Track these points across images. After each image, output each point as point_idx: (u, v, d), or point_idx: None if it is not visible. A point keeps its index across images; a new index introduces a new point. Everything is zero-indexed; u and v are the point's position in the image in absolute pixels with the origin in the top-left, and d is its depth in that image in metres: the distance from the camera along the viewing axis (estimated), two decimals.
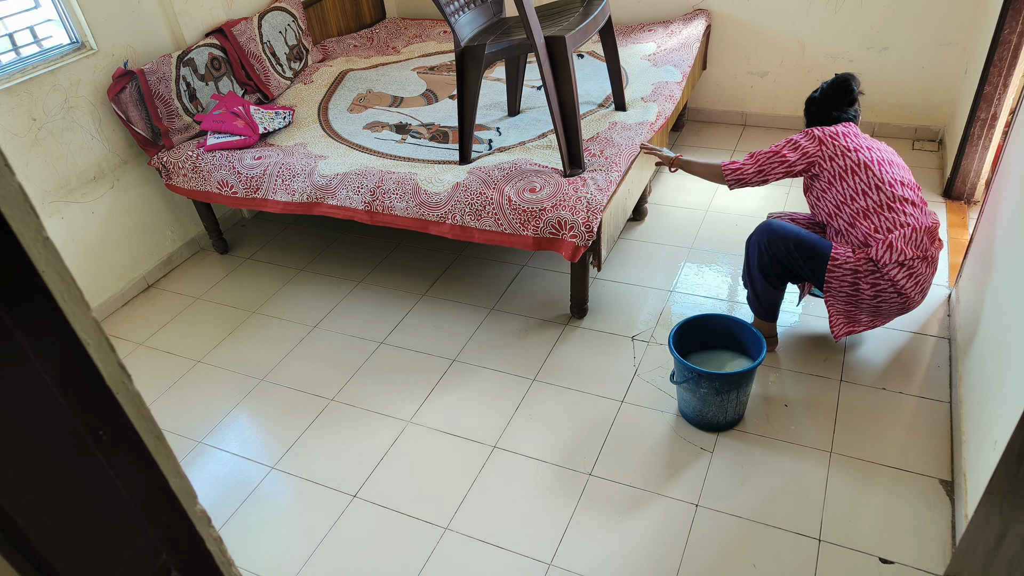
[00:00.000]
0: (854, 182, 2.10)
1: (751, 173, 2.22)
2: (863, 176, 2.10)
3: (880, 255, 2.05)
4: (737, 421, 2.17)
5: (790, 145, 2.18)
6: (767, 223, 2.20)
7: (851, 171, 2.11)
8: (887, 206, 2.08)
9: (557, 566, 1.84)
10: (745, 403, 2.16)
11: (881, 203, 2.08)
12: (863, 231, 2.09)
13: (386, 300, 2.89)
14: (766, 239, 2.17)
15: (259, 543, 1.99)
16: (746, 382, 2.07)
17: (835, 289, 2.14)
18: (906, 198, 2.09)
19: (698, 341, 2.25)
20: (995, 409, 1.71)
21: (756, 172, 2.21)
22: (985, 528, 1.18)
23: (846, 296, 2.14)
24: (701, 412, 2.13)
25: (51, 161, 2.68)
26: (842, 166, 2.11)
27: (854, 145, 2.13)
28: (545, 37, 2.34)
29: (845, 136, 2.15)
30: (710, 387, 2.04)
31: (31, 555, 0.49)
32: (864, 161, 2.11)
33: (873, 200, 2.09)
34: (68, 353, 0.49)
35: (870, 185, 2.09)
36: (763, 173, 2.20)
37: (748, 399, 2.18)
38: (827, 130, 2.16)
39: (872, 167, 2.10)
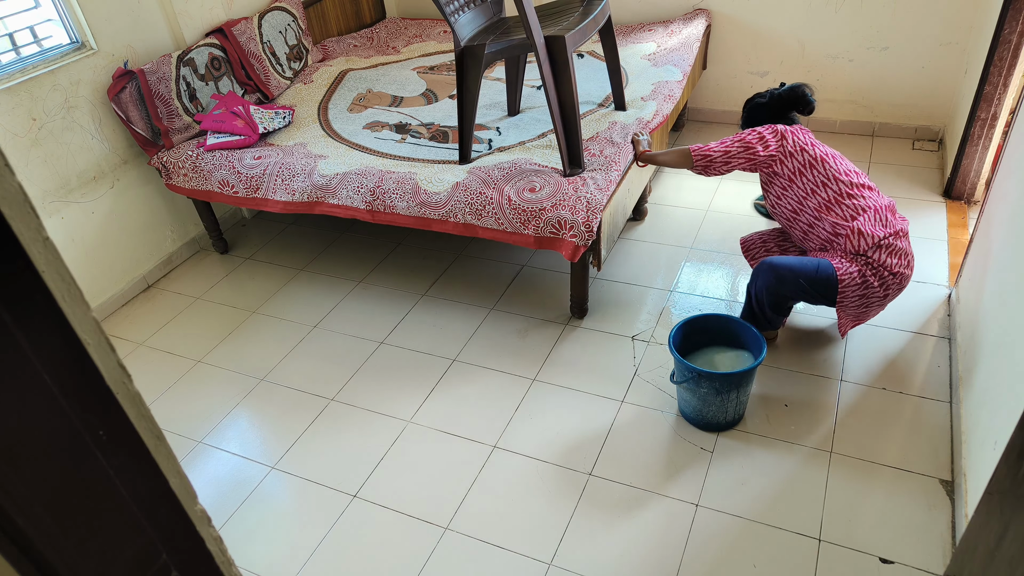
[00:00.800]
0: (812, 176, 2.17)
1: (718, 158, 2.25)
2: (820, 169, 2.17)
3: (856, 244, 2.10)
4: (737, 421, 2.17)
5: (756, 137, 2.22)
6: (768, 264, 2.19)
7: (808, 166, 2.17)
8: (846, 194, 2.14)
9: (557, 566, 1.84)
10: (745, 403, 2.16)
11: (840, 192, 2.15)
12: (829, 223, 2.15)
13: (386, 300, 2.89)
14: (775, 280, 2.15)
15: (259, 543, 1.99)
16: (746, 382, 2.07)
17: (848, 299, 2.14)
18: (861, 184, 2.17)
19: (698, 341, 2.25)
20: (995, 409, 1.71)
21: (722, 157, 2.24)
22: (985, 528, 1.18)
23: (859, 299, 2.15)
24: (701, 412, 2.13)
25: (51, 161, 2.68)
26: (800, 162, 2.18)
27: (808, 141, 2.21)
28: (545, 37, 2.34)
29: (801, 132, 2.23)
30: (710, 387, 2.04)
31: (31, 555, 0.49)
32: (819, 156, 2.18)
33: (832, 191, 2.15)
34: (68, 353, 0.49)
35: (828, 177, 2.16)
36: (729, 162, 2.24)
37: (748, 399, 2.18)
38: (786, 127, 2.23)
39: (828, 160, 2.18)
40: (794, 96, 2.30)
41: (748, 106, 2.40)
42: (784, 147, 2.20)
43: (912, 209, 3.07)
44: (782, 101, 2.31)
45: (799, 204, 2.21)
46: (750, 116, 2.39)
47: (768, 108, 2.33)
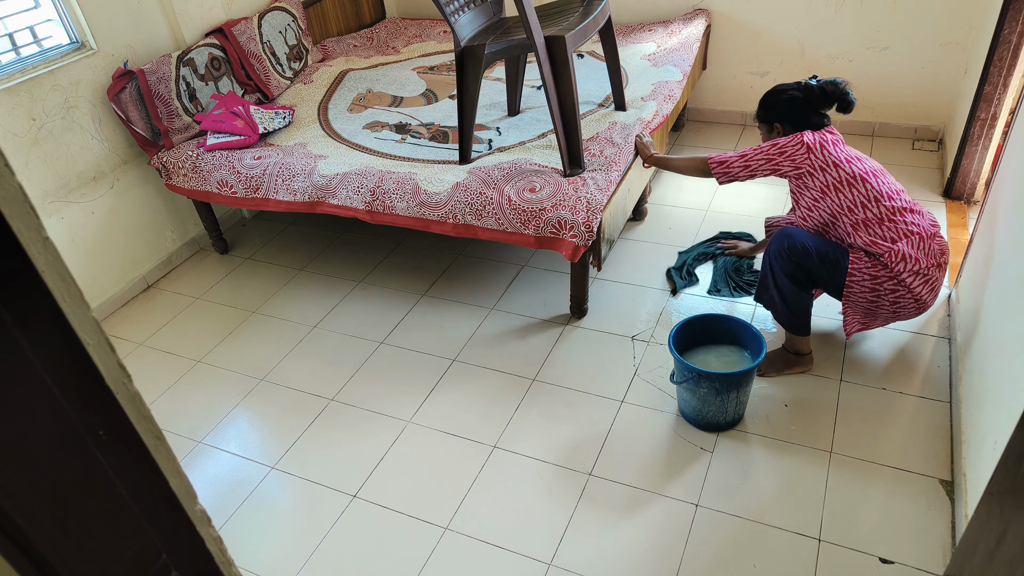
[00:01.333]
0: (851, 195, 2.06)
1: (738, 169, 2.19)
2: (861, 189, 2.06)
3: (894, 266, 2.02)
4: (737, 421, 2.17)
5: (778, 150, 2.13)
6: (783, 231, 2.14)
7: (846, 183, 2.06)
8: (887, 218, 2.05)
9: (557, 566, 1.84)
10: (745, 403, 2.16)
11: (881, 215, 2.05)
12: (864, 241, 2.07)
13: (386, 300, 2.89)
14: (786, 245, 2.10)
15: (259, 543, 1.99)
16: (746, 382, 2.07)
17: (855, 295, 2.11)
18: (904, 207, 2.07)
19: (698, 341, 2.25)
20: (995, 409, 1.71)
21: (743, 169, 2.19)
22: (985, 528, 1.18)
23: (866, 302, 2.11)
24: (701, 412, 2.13)
25: (51, 161, 2.68)
26: (836, 177, 2.07)
27: (844, 156, 2.09)
28: (545, 37, 2.34)
29: (834, 145, 2.10)
30: (710, 387, 2.04)
31: (31, 555, 0.49)
32: (858, 174, 2.06)
33: (873, 213, 2.05)
34: (68, 353, 0.49)
35: (869, 198, 2.05)
36: (750, 171, 2.18)
37: (748, 399, 2.18)
38: (815, 138, 2.10)
39: (869, 180, 2.06)
40: (836, 92, 2.13)
41: (775, 99, 2.22)
42: (813, 160, 2.08)
43: None
44: (822, 96, 2.14)
45: (832, 218, 2.12)
46: (779, 110, 2.20)
47: (804, 103, 2.16)
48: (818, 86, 2.16)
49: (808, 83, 2.19)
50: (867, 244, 2.06)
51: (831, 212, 2.11)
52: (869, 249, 2.06)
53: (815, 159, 2.09)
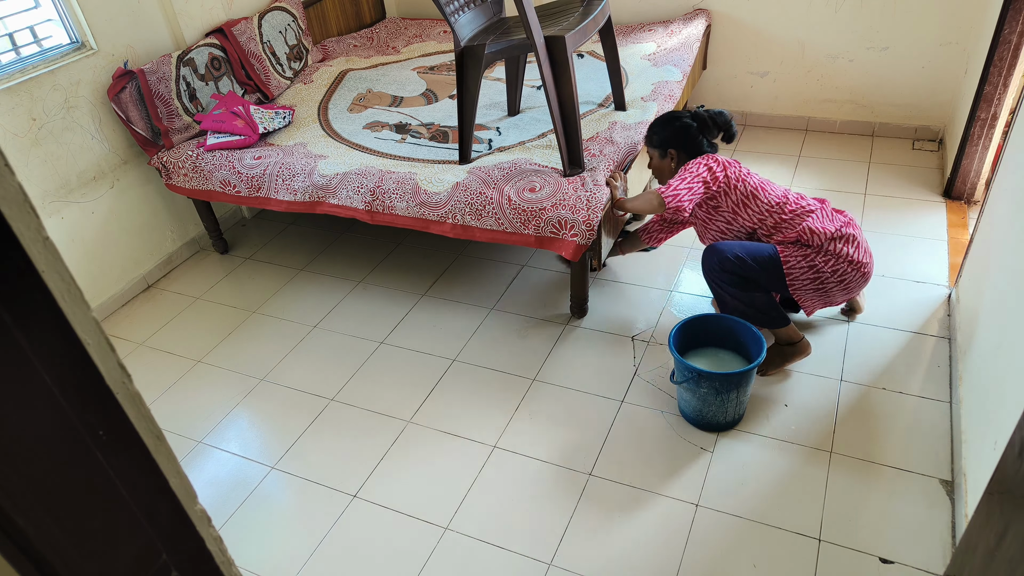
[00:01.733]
0: (756, 206, 2.21)
1: (683, 192, 2.17)
2: (762, 199, 2.21)
3: (813, 240, 2.15)
4: (737, 421, 2.17)
5: (705, 170, 2.21)
6: (709, 247, 2.23)
7: (752, 196, 2.21)
8: (786, 211, 2.20)
9: (557, 566, 1.84)
10: (745, 403, 2.16)
11: (783, 211, 2.20)
12: (779, 239, 2.21)
13: (386, 300, 2.89)
14: (717, 261, 2.19)
15: (259, 543, 1.99)
16: (746, 382, 2.07)
17: (799, 281, 2.19)
18: (795, 199, 2.23)
19: (698, 341, 2.25)
20: (995, 409, 1.71)
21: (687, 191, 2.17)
22: (985, 528, 1.18)
23: (811, 283, 2.20)
24: (701, 412, 2.13)
25: (51, 161, 2.68)
26: (743, 193, 2.21)
27: (740, 174, 2.23)
28: (545, 37, 2.34)
29: (731, 166, 2.24)
30: (710, 387, 2.04)
31: (31, 555, 0.49)
32: (756, 185, 2.22)
33: (776, 214, 2.21)
34: (68, 353, 0.49)
35: (770, 204, 2.21)
36: (692, 192, 2.17)
37: (748, 399, 2.18)
38: (720, 159, 2.24)
39: (765, 188, 2.23)
40: (723, 122, 2.33)
41: (671, 126, 2.35)
42: (728, 179, 2.21)
43: (912, 209, 3.07)
44: (712, 125, 2.32)
45: (746, 232, 2.26)
46: (675, 136, 2.33)
47: (696, 131, 2.32)
48: (708, 115, 2.33)
49: (698, 112, 2.34)
50: (783, 239, 2.20)
51: (745, 230, 2.26)
52: (787, 240, 2.19)
53: (730, 178, 2.21)
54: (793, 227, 2.19)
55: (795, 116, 3.81)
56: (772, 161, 3.55)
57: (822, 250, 2.16)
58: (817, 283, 2.19)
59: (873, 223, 3.00)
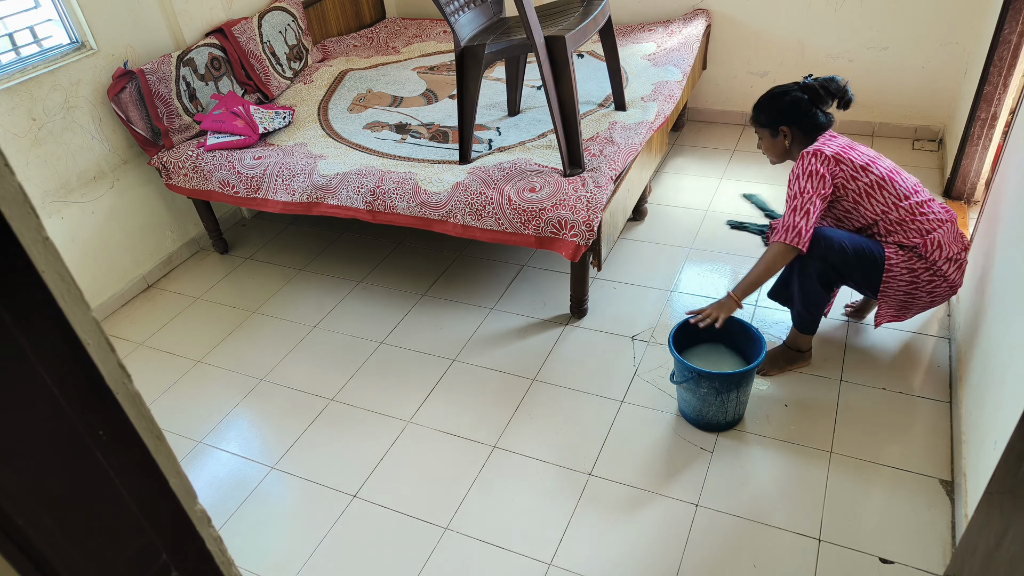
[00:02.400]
0: (883, 197, 2.04)
1: (801, 220, 2.01)
2: (890, 190, 2.05)
3: (931, 254, 2.03)
4: (737, 421, 2.17)
5: (816, 179, 2.02)
6: (817, 230, 2.06)
7: (877, 187, 2.04)
8: (917, 212, 2.05)
9: (557, 566, 1.84)
10: (745, 403, 2.16)
11: (912, 210, 2.04)
12: (898, 238, 2.06)
13: (386, 300, 2.89)
14: (823, 246, 2.04)
15: (259, 543, 1.99)
16: (746, 382, 2.07)
17: (892, 290, 2.09)
18: (927, 200, 2.07)
19: (697, 340, 2.24)
20: (995, 409, 1.71)
21: (804, 216, 2.01)
22: (985, 528, 1.18)
23: (903, 294, 2.10)
24: (701, 412, 2.13)
25: (51, 161, 2.68)
26: (867, 183, 2.04)
27: (865, 160, 2.06)
28: (545, 37, 2.34)
29: (852, 149, 2.08)
30: (710, 387, 2.04)
31: (31, 555, 0.49)
32: (885, 175, 2.05)
33: (904, 210, 2.04)
34: (68, 353, 0.49)
35: (899, 196, 2.05)
36: (807, 213, 2.01)
37: (748, 399, 2.18)
38: (832, 148, 2.05)
39: (896, 179, 2.06)
40: (837, 89, 2.11)
41: (778, 102, 2.15)
42: (843, 170, 2.03)
43: None
44: (825, 93, 2.10)
45: (867, 224, 2.10)
46: (785, 112, 2.14)
47: (808, 103, 2.11)
48: (819, 84, 2.12)
49: (807, 82, 2.14)
50: (901, 240, 2.05)
51: (866, 220, 2.09)
52: (904, 243, 2.05)
53: (845, 168, 2.04)
54: (920, 232, 2.03)
55: None
56: None
57: (933, 267, 2.04)
58: (908, 295, 2.10)
59: None
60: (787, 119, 2.14)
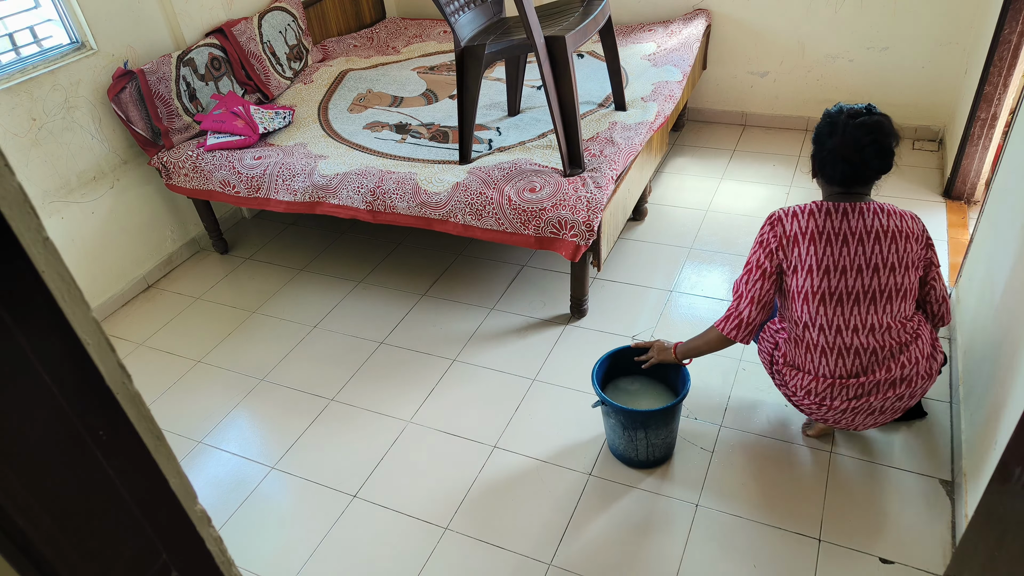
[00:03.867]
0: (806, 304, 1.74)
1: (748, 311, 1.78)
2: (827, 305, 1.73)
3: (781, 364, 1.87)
4: (654, 463, 2.05)
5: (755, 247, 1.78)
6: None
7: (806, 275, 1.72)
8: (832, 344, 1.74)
9: (557, 566, 1.84)
10: (661, 447, 2.01)
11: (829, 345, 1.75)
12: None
13: (386, 300, 2.89)
14: None
15: (259, 543, 1.99)
16: (655, 424, 1.92)
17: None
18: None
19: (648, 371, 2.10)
20: (995, 409, 1.71)
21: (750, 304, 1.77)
22: (985, 528, 1.18)
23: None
24: (613, 443, 2.06)
25: (51, 161, 2.68)
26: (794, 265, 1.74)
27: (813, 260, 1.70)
28: (545, 37, 2.34)
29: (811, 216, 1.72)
30: (616, 419, 1.97)
31: (31, 555, 0.49)
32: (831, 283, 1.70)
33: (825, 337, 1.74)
34: (68, 353, 0.49)
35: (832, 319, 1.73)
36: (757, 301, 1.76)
37: (666, 443, 2.02)
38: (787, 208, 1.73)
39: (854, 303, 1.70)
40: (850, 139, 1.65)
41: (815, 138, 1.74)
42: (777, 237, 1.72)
43: (912, 209, 3.06)
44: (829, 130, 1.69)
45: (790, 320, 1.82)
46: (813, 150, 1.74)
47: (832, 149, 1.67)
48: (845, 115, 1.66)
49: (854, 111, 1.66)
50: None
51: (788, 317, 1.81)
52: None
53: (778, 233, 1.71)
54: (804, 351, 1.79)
55: (795, 116, 3.81)
56: (772, 161, 3.55)
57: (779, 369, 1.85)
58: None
59: None
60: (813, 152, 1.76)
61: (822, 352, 1.74)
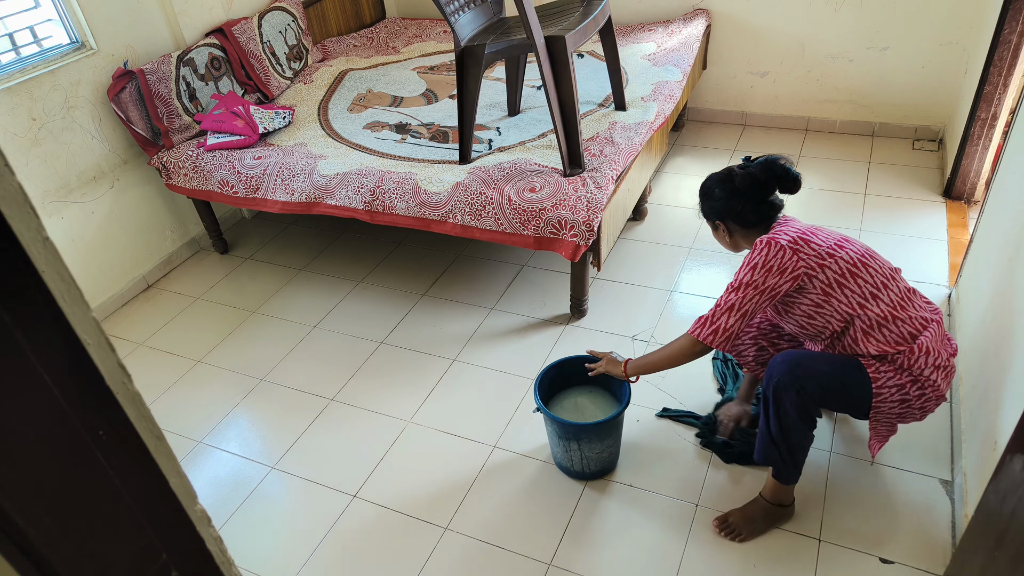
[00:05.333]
0: (858, 287, 1.66)
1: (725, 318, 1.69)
2: (865, 277, 1.66)
3: (916, 363, 1.65)
4: (590, 475, 2.03)
5: (763, 270, 1.66)
6: (786, 356, 1.71)
7: (849, 274, 1.66)
8: (899, 307, 1.66)
9: (557, 566, 1.84)
10: (595, 460, 1.98)
11: (894, 305, 1.66)
12: (878, 345, 1.66)
13: (386, 300, 2.89)
14: (799, 382, 1.66)
15: (259, 543, 1.99)
16: (588, 438, 1.89)
17: (883, 412, 1.72)
18: (909, 292, 1.71)
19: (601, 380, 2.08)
20: (995, 409, 1.71)
21: (731, 313, 1.69)
22: (985, 528, 1.18)
23: (894, 416, 1.74)
24: (553, 451, 2.06)
25: (51, 161, 2.68)
26: (836, 271, 1.65)
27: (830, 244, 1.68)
28: (545, 37, 2.34)
29: (812, 234, 1.69)
30: (552, 428, 1.96)
31: (31, 555, 0.49)
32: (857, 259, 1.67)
33: (885, 303, 1.66)
34: (68, 353, 0.49)
35: (876, 285, 1.66)
36: (742, 312, 1.68)
37: (601, 457, 1.98)
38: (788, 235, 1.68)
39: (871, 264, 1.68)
40: (779, 170, 1.75)
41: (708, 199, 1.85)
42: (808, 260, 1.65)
43: (912, 209, 3.08)
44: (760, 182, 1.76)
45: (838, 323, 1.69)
46: (715, 208, 1.82)
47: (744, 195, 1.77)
48: (753, 172, 1.77)
49: (744, 168, 1.80)
50: (881, 349, 1.66)
51: (837, 319, 1.68)
52: (884, 352, 1.66)
53: (806, 257, 1.65)
54: (904, 338, 1.65)
55: (795, 116, 3.81)
56: None
57: (920, 378, 1.66)
58: (899, 415, 1.73)
59: (873, 223, 3.00)
60: (721, 214, 1.83)
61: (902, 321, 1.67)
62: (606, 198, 2.41)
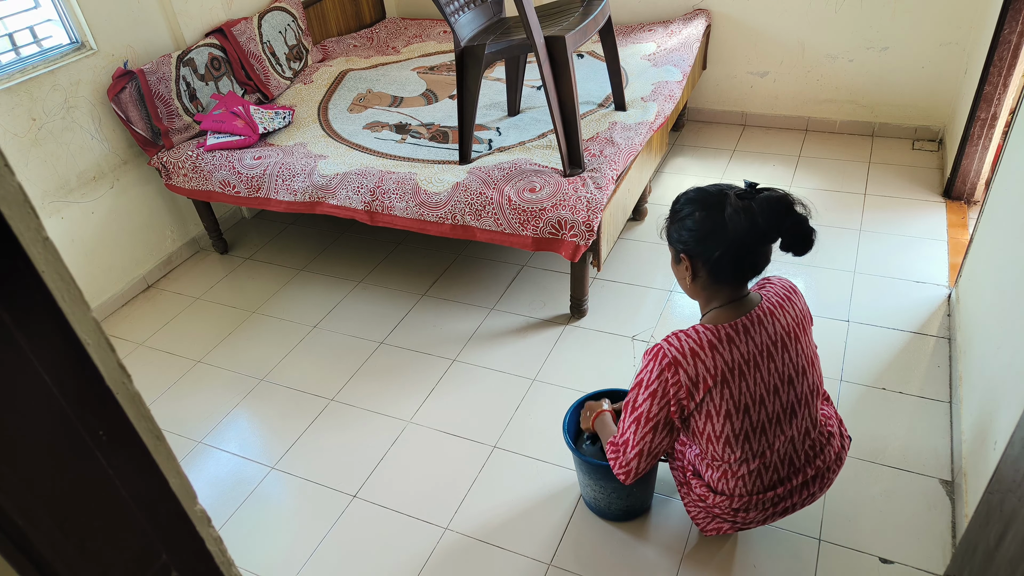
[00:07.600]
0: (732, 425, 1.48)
1: (644, 465, 1.53)
2: (754, 439, 1.50)
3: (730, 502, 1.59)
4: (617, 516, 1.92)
5: (640, 391, 1.47)
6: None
7: (727, 414, 1.46)
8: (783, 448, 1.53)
9: (557, 566, 1.84)
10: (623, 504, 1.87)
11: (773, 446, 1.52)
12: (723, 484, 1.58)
13: (386, 300, 2.89)
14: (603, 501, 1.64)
15: (259, 543, 1.99)
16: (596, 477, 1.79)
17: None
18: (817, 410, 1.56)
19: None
20: (995, 409, 1.71)
21: (637, 456, 1.51)
22: (985, 528, 1.18)
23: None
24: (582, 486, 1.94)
25: (51, 161, 2.68)
26: (713, 407, 1.45)
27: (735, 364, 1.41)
28: (545, 37, 2.34)
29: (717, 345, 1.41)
30: (578, 466, 1.87)
31: (31, 555, 0.49)
32: (753, 405, 1.45)
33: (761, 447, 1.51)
34: (68, 353, 0.49)
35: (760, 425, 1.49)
36: (656, 454, 1.51)
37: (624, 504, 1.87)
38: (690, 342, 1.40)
39: (776, 427, 1.48)
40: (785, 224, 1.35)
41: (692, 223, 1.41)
42: (679, 382, 1.40)
43: (912, 209, 3.08)
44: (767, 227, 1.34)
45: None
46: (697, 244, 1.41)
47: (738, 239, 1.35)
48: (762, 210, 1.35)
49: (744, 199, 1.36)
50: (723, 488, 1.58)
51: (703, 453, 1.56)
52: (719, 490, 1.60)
53: (682, 378, 1.40)
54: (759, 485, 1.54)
55: (795, 116, 3.81)
56: (772, 161, 3.55)
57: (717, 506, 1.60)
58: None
59: (873, 223, 3.00)
60: (690, 250, 1.43)
61: (741, 478, 1.53)
62: (606, 198, 2.41)
